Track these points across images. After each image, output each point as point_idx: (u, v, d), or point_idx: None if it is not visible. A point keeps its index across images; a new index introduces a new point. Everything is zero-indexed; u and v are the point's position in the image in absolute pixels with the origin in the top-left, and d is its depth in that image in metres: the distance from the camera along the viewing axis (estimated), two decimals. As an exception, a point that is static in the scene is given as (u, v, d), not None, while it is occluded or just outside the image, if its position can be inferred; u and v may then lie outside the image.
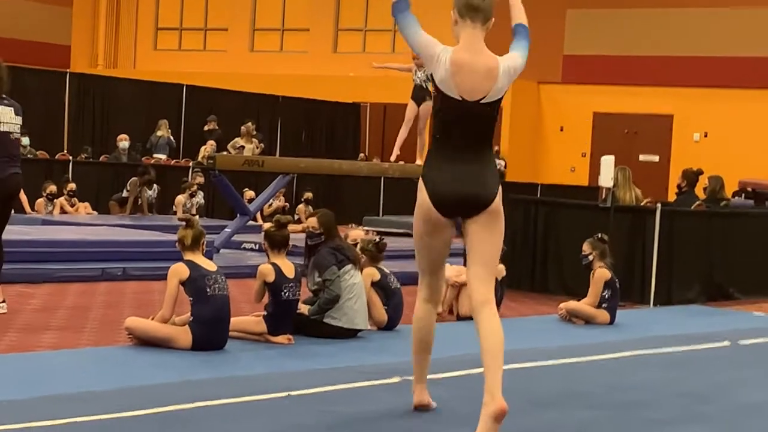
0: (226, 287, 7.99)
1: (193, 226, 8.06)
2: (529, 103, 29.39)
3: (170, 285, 7.82)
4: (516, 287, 12.85)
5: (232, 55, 33.53)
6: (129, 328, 7.96)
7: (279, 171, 15.47)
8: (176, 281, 7.82)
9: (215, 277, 7.91)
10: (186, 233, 8.02)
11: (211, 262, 8.15)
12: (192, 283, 7.82)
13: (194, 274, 7.83)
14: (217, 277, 7.93)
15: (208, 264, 8.01)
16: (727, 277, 13.70)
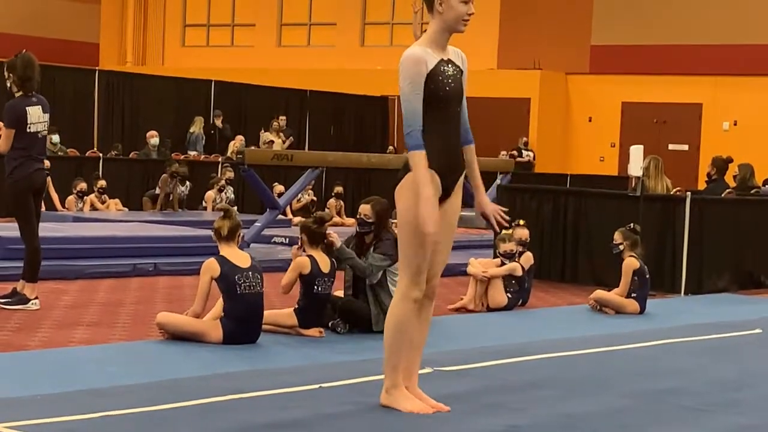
0: (259, 284, 7.98)
1: (231, 217, 8.05)
2: (558, 94, 29.32)
3: (202, 281, 7.86)
4: (546, 277, 12.86)
5: (259, 50, 33.60)
6: (160, 324, 8.01)
7: (308, 165, 15.50)
8: (208, 277, 7.85)
9: (247, 274, 7.90)
10: (223, 224, 8.02)
11: (246, 255, 8.10)
12: (223, 280, 7.85)
13: (226, 271, 7.84)
14: (250, 273, 7.92)
15: (242, 259, 7.99)
16: (758, 264, 13.65)
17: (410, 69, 5.73)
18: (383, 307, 8.64)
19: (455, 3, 5.82)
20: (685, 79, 27.79)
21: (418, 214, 5.67)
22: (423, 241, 5.77)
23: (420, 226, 5.67)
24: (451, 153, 5.86)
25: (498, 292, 10.55)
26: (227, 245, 8.01)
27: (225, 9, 34.90)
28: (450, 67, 5.84)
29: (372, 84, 29.90)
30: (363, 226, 8.81)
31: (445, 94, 5.78)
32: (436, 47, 5.86)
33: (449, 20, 5.85)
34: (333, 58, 32.07)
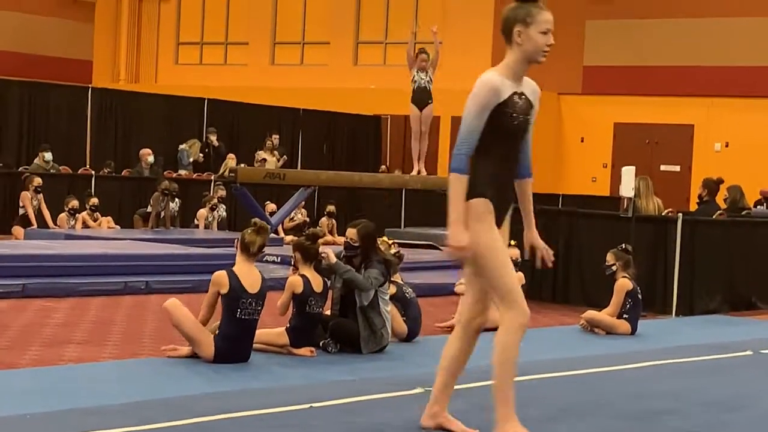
0: (258, 312, 7.97)
1: (263, 234, 7.99)
2: (550, 114, 29.35)
3: (210, 292, 7.87)
4: (537, 297, 12.85)
5: (253, 68, 33.62)
6: (167, 309, 7.96)
7: (300, 184, 15.51)
8: (216, 290, 7.85)
9: (251, 301, 7.88)
10: (255, 239, 7.95)
11: (258, 277, 8.00)
12: (227, 298, 7.83)
13: (232, 291, 7.81)
14: (253, 301, 7.89)
15: (252, 281, 7.93)
16: (749, 286, 13.66)
17: (483, 95, 5.66)
18: (374, 329, 8.65)
19: (534, 34, 5.71)
20: (677, 100, 27.85)
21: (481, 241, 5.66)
22: (502, 261, 5.74)
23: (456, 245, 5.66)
24: (504, 186, 5.83)
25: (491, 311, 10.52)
26: (247, 262, 7.97)
27: (218, 27, 34.94)
28: (522, 101, 5.74)
29: (365, 103, 29.93)
30: (349, 250, 8.85)
31: (512, 128, 5.72)
32: (514, 78, 5.74)
33: (528, 51, 5.73)
34: (326, 77, 32.09)
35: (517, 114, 5.71)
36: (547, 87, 29.34)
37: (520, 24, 5.69)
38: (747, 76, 27.10)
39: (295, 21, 33.61)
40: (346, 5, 32.63)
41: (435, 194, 17.85)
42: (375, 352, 8.69)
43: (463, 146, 5.67)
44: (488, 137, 5.67)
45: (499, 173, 5.75)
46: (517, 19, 5.70)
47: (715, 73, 27.51)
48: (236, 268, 7.94)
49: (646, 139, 28.25)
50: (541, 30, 5.71)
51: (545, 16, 5.74)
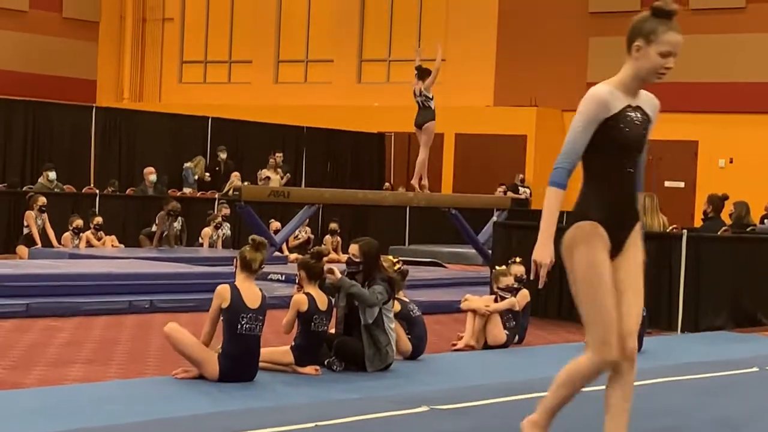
0: (260, 327, 7.95)
1: (257, 249, 7.99)
2: (554, 130, 29.37)
3: (213, 306, 7.85)
4: (542, 314, 12.84)
5: (256, 86, 33.70)
6: (167, 334, 7.95)
7: (304, 202, 15.51)
8: (218, 304, 7.83)
9: (251, 316, 7.86)
10: (256, 257, 7.95)
11: (258, 294, 8.00)
12: (228, 313, 7.81)
13: (233, 306, 7.81)
14: (253, 316, 7.88)
15: (253, 298, 7.92)
16: (755, 302, 13.63)
17: (589, 109, 5.36)
18: (379, 347, 8.63)
19: (653, 54, 5.36)
20: (681, 116, 27.84)
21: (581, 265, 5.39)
22: (597, 290, 5.37)
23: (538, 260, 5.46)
24: (624, 206, 5.48)
25: (497, 328, 10.52)
26: (247, 278, 7.97)
27: (222, 46, 35.03)
28: (637, 114, 5.42)
29: (368, 121, 29.97)
30: (351, 266, 8.85)
31: (625, 142, 5.36)
32: (626, 91, 5.43)
33: (642, 70, 5.41)
34: (330, 94, 32.17)
35: (630, 129, 5.37)
36: (551, 103, 29.43)
37: (642, 39, 5.38)
38: (751, 92, 27.11)
39: (298, 39, 33.71)
40: (350, 23, 32.71)
41: (439, 212, 17.83)
42: (380, 370, 8.68)
43: (564, 160, 5.39)
44: (599, 154, 5.39)
45: (614, 193, 5.42)
46: (641, 33, 5.40)
47: (719, 89, 27.51)
48: (237, 283, 7.94)
49: (650, 155, 28.00)
50: (661, 51, 5.36)
51: (671, 37, 5.39)
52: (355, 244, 8.91)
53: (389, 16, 32.34)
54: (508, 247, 13.56)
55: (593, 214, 5.40)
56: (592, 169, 5.43)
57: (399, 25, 32.25)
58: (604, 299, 5.34)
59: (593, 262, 5.39)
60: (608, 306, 5.36)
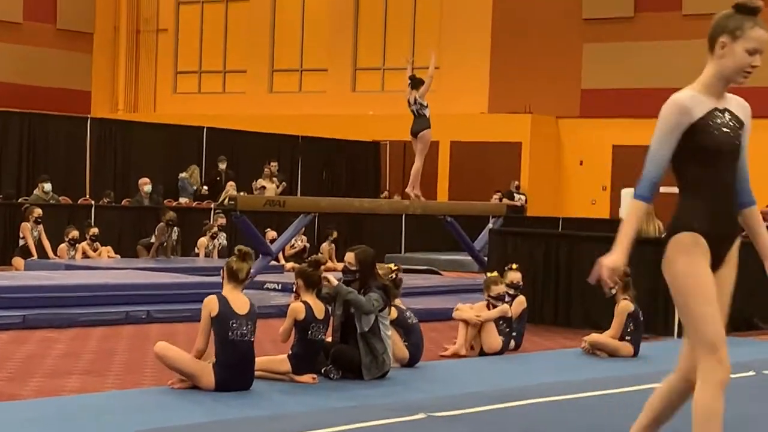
0: (251, 332, 7.95)
1: (243, 260, 8.01)
2: (549, 137, 29.43)
3: (203, 317, 7.85)
4: (539, 321, 12.85)
5: (251, 96, 33.74)
6: (157, 354, 7.96)
7: (300, 210, 15.53)
8: (207, 314, 7.84)
9: (242, 321, 7.88)
10: (242, 266, 7.97)
11: (246, 301, 8.04)
12: (218, 321, 7.82)
13: (222, 314, 7.82)
14: (244, 321, 7.90)
15: (241, 304, 7.94)
16: (751, 306, 13.65)
17: (669, 117, 5.06)
18: (375, 354, 8.64)
19: (740, 50, 5.07)
20: (675, 121, 27.92)
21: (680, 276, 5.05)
22: (702, 301, 5.02)
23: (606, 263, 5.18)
24: (723, 217, 5.18)
25: (492, 335, 10.54)
26: (234, 288, 7.98)
27: (216, 56, 35.07)
28: (725, 117, 5.12)
29: (364, 129, 30.01)
30: (347, 274, 8.86)
31: (716, 147, 5.04)
32: (710, 93, 5.15)
33: (728, 68, 5.13)
34: (324, 103, 32.20)
35: (720, 132, 5.06)
36: (545, 110, 29.48)
37: (727, 35, 5.10)
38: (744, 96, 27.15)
39: (292, 48, 33.75)
40: (344, 32, 32.76)
41: (435, 219, 17.86)
42: (377, 378, 8.68)
43: (649, 172, 5.11)
44: (691, 163, 5.10)
45: (710, 202, 5.12)
46: (726, 29, 5.11)
47: (713, 94, 27.58)
48: (224, 293, 7.96)
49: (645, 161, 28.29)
50: (748, 48, 5.05)
51: (758, 33, 5.05)
52: (350, 252, 8.93)
53: (383, 24, 32.39)
54: (504, 253, 13.59)
55: (693, 225, 5.12)
56: (687, 179, 5.17)
57: (393, 34, 32.31)
58: (709, 309, 5.03)
59: (696, 273, 5.09)
60: (714, 315, 5.05)
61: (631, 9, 28.72)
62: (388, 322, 8.91)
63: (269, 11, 34.01)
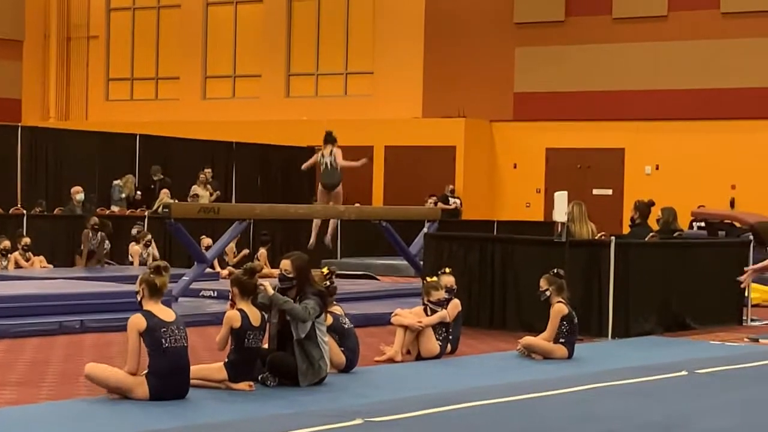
0: (184, 338, 7.93)
1: (161, 274, 7.98)
2: (482, 141, 29.57)
3: (131, 338, 7.77)
4: (474, 324, 12.90)
5: (184, 103, 33.55)
6: (88, 376, 7.91)
7: (235, 217, 15.47)
8: (136, 333, 7.78)
9: (172, 328, 7.85)
10: (157, 280, 7.95)
11: (170, 310, 8.08)
12: (149, 334, 7.78)
13: (152, 326, 7.78)
14: (174, 328, 7.88)
15: (166, 314, 7.96)
16: (683, 307, 13.81)
17: None
18: (312, 361, 8.64)
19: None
20: (608, 124, 28.17)
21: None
22: None
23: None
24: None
25: (430, 340, 10.57)
26: (153, 301, 7.95)
27: (149, 63, 34.83)
28: None
29: (298, 134, 29.94)
30: (284, 281, 8.86)
31: None
32: None
33: None
34: (258, 109, 32.10)
35: None
36: (479, 114, 29.62)
37: None
38: (675, 99, 27.48)
39: (225, 54, 33.61)
40: (277, 38, 32.70)
41: (371, 224, 17.87)
42: (314, 384, 8.69)
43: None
44: None
45: None
46: None
47: (644, 96, 27.87)
48: (147, 308, 7.90)
49: (578, 163, 28.52)
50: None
51: None
52: (286, 260, 8.94)
53: (316, 30, 32.37)
54: (439, 258, 13.63)
55: None
56: None
57: (326, 39, 32.29)
58: None
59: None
60: None
61: (562, 13, 28.94)
62: (325, 328, 8.91)
63: (201, 17, 33.85)
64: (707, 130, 27.04)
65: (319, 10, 32.29)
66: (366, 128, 29.79)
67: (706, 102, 27.14)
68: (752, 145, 26.50)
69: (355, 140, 29.90)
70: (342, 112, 30.79)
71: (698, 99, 27.31)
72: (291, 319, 8.64)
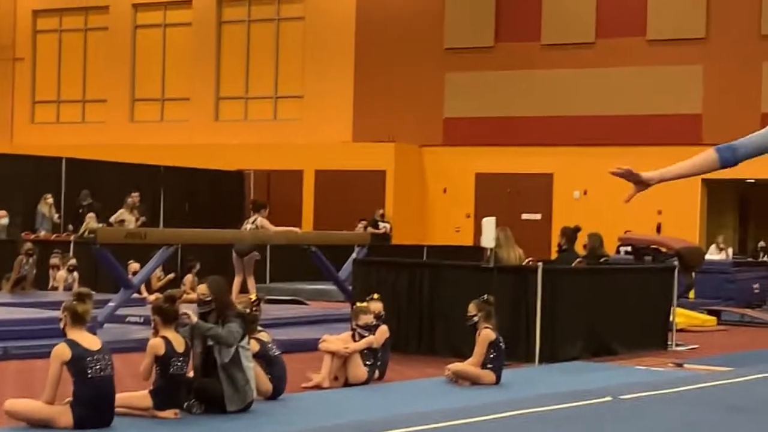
0: (109, 366, 7.84)
1: (84, 301, 7.89)
2: (412, 166, 29.66)
3: (52, 368, 7.66)
4: (403, 350, 12.89)
5: (111, 126, 33.31)
6: (8, 412, 7.80)
7: (162, 243, 15.35)
8: (59, 363, 7.66)
9: (98, 357, 7.76)
10: (80, 307, 7.85)
11: (96, 338, 7.97)
12: (74, 364, 7.67)
13: (77, 355, 7.67)
14: (100, 356, 7.78)
15: (91, 342, 7.85)
16: (610, 332, 13.92)
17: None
18: (237, 386, 8.59)
19: None
20: (536, 149, 28.40)
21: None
22: None
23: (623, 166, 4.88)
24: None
25: (357, 366, 10.56)
26: (77, 329, 7.85)
27: (75, 85, 34.55)
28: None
29: (227, 158, 29.87)
30: (203, 306, 8.83)
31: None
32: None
33: None
34: (187, 133, 31.97)
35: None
36: (409, 139, 29.73)
37: None
38: (603, 124, 27.79)
39: (154, 77, 33.44)
40: (206, 61, 32.61)
41: (300, 249, 17.82)
42: (241, 409, 8.63)
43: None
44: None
45: None
46: None
47: (573, 122, 28.14)
48: (71, 336, 7.80)
49: (507, 188, 28.71)
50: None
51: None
52: (203, 285, 8.93)
53: (246, 53, 32.32)
54: (368, 283, 13.62)
55: None
56: None
57: (256, 63, 32.26)
58: None
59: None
60: None
61: (491, 39, 29.17)
62: (250, 351, 8.87)
63: (129, 40, 33.66)
64: (635, 155, 27.24)
65: (248, 34, 32.26)
66: (296, 152, 29.79)
67: (634, 128, 27.47)
68: (678, 170, 26.80)
69: (284, 164, 29.90)
70: (271, 136, 30.77)
71: (626, 125, 27.63)
72: (214, 344, 8.59)
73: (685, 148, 26.77)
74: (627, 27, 27.68)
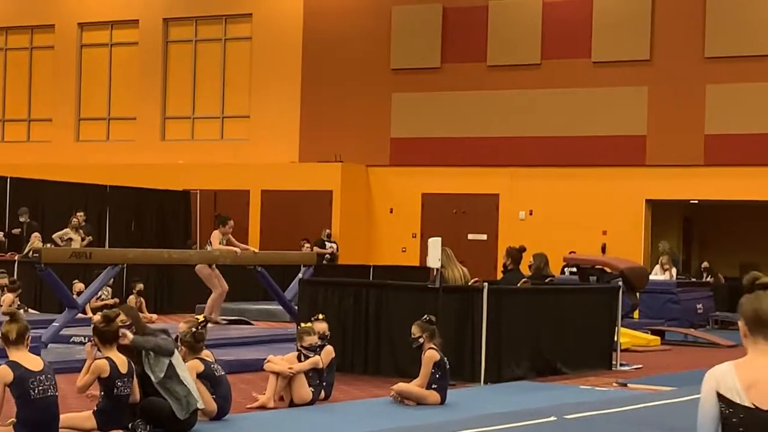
0: (53, 387, 7.79)
1: (18, 321, 7.85)
2: (359, 186, 29.70)
3: None
4: (348, 370, 12.91)
5: (57, 145, 33.09)
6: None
7: (107, 263, 15.27)
8: (2, 385, 7.61)
9: (40, 378, 7.70)
10: (10, 328, 7.80)
11: (38, 358, 7.92)
12: (16, 386, 7.61)
13: (19, 376, 7.61)
14: (43, 377, 7.72)
15: (34, 363, 7.79)
16: (555, 352, 14.01)
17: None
18: (178, 398, 8.63)
19: None
20: (483, 170, 28.52)
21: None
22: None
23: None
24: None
25: (302, 387, 10.56)
26: (17, 349, 7.80)
27: (20, 104, 34.31)
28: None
29: (173, 178, 29.76)
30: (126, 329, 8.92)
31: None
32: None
33: None
34: (133, 152, 31.81)
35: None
36: (356, 159, 29.77)
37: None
38: (549, 146, 27.97)
39: (100, 96, 33.28)
40: (153, 80, 32.49)
41: (246, 269, 17.79)
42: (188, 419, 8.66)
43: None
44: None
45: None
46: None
47: (518, 143, 28.30)
48: (13, 357, 7.75)
49: (454, 208, 28.80)
50: None
51: None
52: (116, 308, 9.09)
53: (192, 73, 32.25)
54: (314, 303, 13.63)
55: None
56: None
57: (203, 83, 32.19)
58: None
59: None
60: None
61: (438, 60, 29.30)
62: (184, 365, 8.90)
63: (75, 58, 33.48)
64: (579, 176, 27.56)
65: (195, 54, 32.19)
66: (242, 172, 29.74)
67: (579, 149, 27.67)
68: (623, 191, 27.07)
69: (231, 184, 29.83)
70: (218, 156, 30.71)
71: (571, 146, 27.83)
72: (145, 364, 8.65)
73: (630, 168, 27.16)
74: (572, 49, 27.91)
